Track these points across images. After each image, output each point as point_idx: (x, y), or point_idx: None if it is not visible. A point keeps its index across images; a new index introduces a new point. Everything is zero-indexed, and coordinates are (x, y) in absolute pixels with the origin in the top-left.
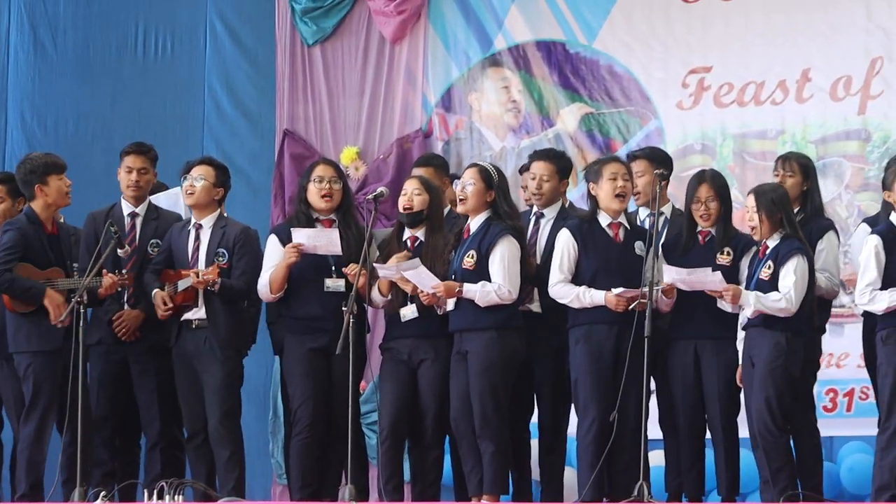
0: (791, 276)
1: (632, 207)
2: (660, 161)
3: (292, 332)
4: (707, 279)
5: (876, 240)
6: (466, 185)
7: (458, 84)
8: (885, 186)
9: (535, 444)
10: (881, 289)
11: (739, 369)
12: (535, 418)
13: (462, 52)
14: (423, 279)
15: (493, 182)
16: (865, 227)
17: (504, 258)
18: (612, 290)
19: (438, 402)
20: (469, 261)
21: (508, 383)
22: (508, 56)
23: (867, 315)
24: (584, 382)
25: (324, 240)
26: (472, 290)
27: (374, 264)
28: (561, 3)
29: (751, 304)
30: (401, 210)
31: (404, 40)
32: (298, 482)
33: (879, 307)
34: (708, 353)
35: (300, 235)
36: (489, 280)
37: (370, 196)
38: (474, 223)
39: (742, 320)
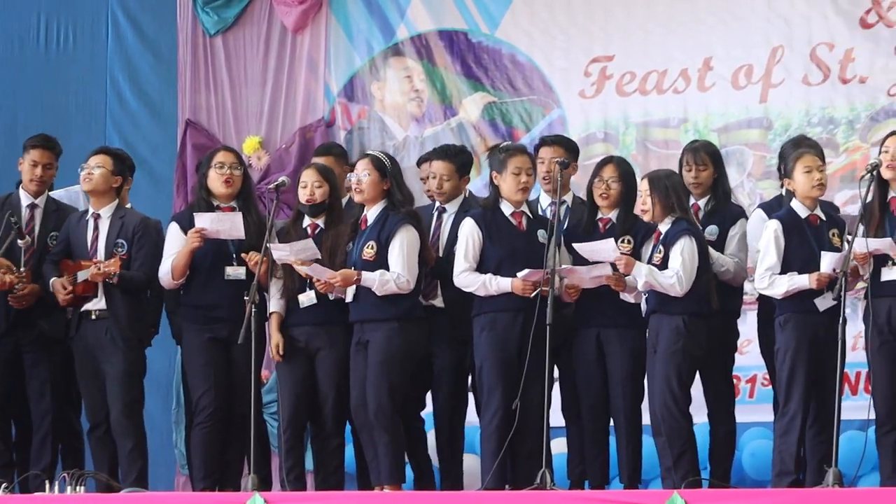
0: (678, 257)
1: (534, 195)
2: (569, 149)
3: (191, 321)
4: (602, 248)
5: (776, 224)
6: (361, 176)
7: (361, 73)
8: (785, 174)
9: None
10: (780, 273)
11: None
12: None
13: (364, 42)
14: (318, 272)
15: (386, 171)
16: (760, 213)
17: (403, 247)
18: (518, 274)
19: (337, 390)
20: (369, 251)
21: (406, 375)
22: (411, 45)
23: (761, 301)
24: (488, 370)
25: (227, 224)
26: (371, 279)
27: (268, 244)
28: None
29: (643, 274)
30: (303, 202)
31: (306, 30)
32: (200, 472)
33: (778, 291)
34: (612, 341)
35: (203, 220)
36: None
37: (272, 185)
38: (371, 213)
39: (644, 310)
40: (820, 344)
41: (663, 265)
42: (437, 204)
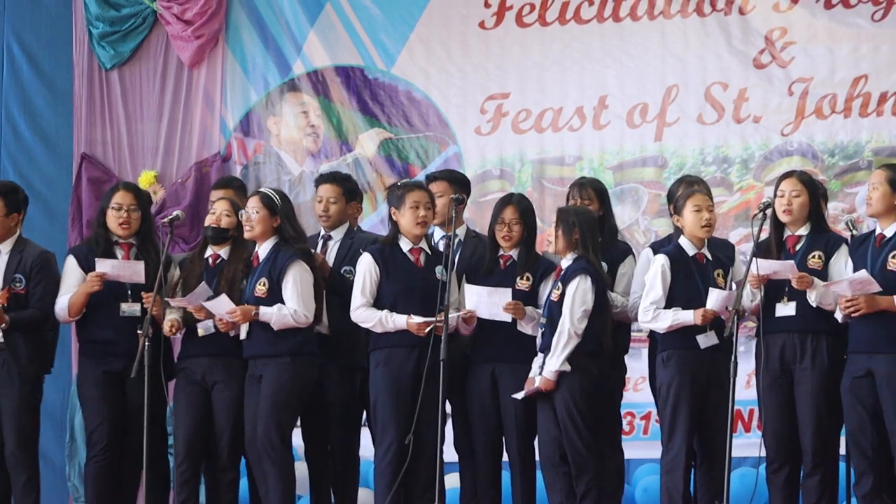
0: (569, 298)
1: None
2: (459, 183)
3: (87, 355)
4: (500, 299)
5: (663, 259)
6: (251, 213)
7: (257, 108)
8: (675, 211)
9: None
10: (664, 308)
11: (527, 381)
12: None
13: (261, 77)
14: (219, 306)
15: (276, 208)
16: (649, 252)
17: (297, 283)
18: (413, 317)
19: (233, 423)
20: (261, 288)
21: (297, 410)
22: (307, 81)
23: (652, 337)
24: (382, 405)
25: (128, 270)
26: (269, 313)
27: (168, 299)
28: (359, 28)
29: (534, 319)
30: (207, 224)
31: (202, 64)
32: None
33: (662, 325)
34: (506, 375)
35: (104, 265)
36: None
37: (165, 220)
38: (262, 250)
39: (539, 344)
40: (702, 381)
41: (559, 301)
42: (323, 232)
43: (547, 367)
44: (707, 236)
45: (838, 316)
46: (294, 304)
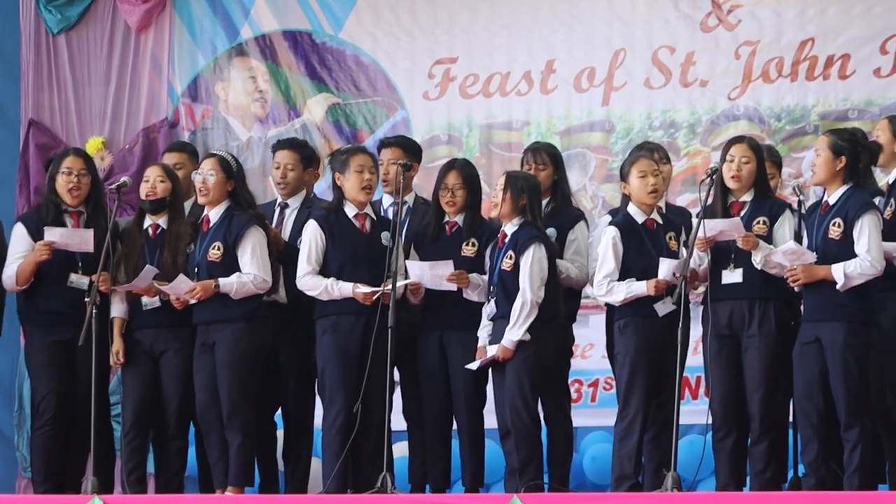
0: (526, 268)
1: (377, 195)
2: (411, 150)
3: (35, 324)
4: (443, 271)
5: (613, 231)
6: (206, 176)
7: (205, 74)
8: (622, 178)
9: (280, 434)
10: (619, 280)
11: (480, 350)
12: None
13: (208, 42)
14: (178, 287)
15: (232, 172)
16: (607, 220)
17: (255, 248)
18: (359, 286)
19: (181, 392)
20: (216, 252)
21: (256, 375)
22: (255, 46)
23: (609, 306)
24: (330, 373)
25: (77, 238)
26: (229, 284)
27: (124, 285)
28: None
29: (479, 285)
30: (143, 197)
31: (150, 29)
32: (41, 475)
33: (616, 298)
34: (454, 343)
35: (53, 234)
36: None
37: (113, 186)
38: (214, 214)
39: (489, 312)
40: (660, 348)
41: (514, 271)
42: (279, 199)
43: (507, 337)
44: (654, 201)
45: (793, 285)
46: (253, 269)
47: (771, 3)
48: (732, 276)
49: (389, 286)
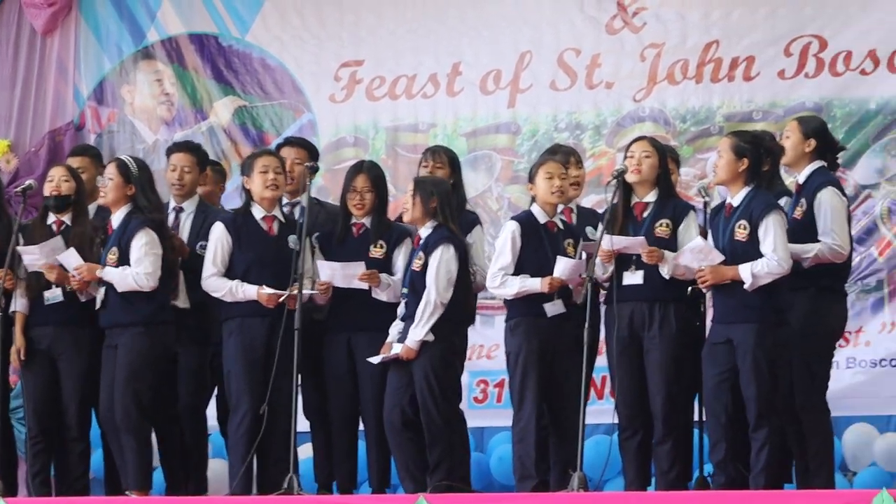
0: (434, 268)
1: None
2: (312, 151)
3: None
4: (354, 271)
5: (514, 225)
6: (106, 180)
7: (111, 77)
8: (530, 179)
9: None
10: (513, 274)
11: (386, 346)
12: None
13: (114, 45)
14: (68, 259)
15: (131, 176)
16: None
17: (141, 249)
18: (264, 288)
19: (80, 394)
20: (112, 258)
21: (154, 379)
22: (161, 49)
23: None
24: (236, 375)
25: None
26: (112, 273)
27: (18, 248)
28: None
29: (389, 286)
30: (47, 195)
31: (55, 33)
32: None
33: (509, 292)
34: (362, 345)
35: None
36: None
37: (18, 189)
38: (115, 218)
39: (401, 312)
40: (551, 348)
41: (423, 271)
42: (174, 204)
43: (410, 336)
44: (558, 202)
45: (702, 287)
46: (136, 266)
47: (676, 5)
48: (633, 277)
49: (296, 290)
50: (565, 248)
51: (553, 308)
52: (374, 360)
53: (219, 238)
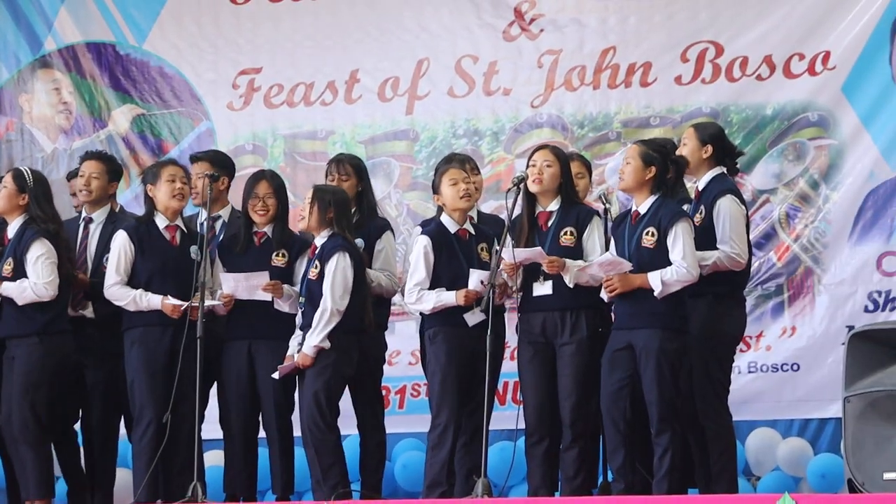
0: (329, 276)
1: (192, 211)
2: (221, 164)
3: None
4: (258, 282)
5: (425, 240)
6: (1, 189)
7: (9, 86)
8: (434, 190)
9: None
10: (429, 288)
11: (286, 359)
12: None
13: (12, 54)
14: None
15: (25, 186)
16: (418, 231)
17: (38, 259)
18: (168, 298)
19: None
20: (7, 268)
21: (50, 389)
22: (59, 57)
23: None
24: (139, 384)
25: None
26: (9, 288)
27: None
28: (110, 4)
29: (291, 296)
30: None
31: None
32: None
33: (426, 307)
34: (262, 352)
35: None
36: None
37: None
38: (11, 229)
39: (299, 321)
40: (470, 357)
41: (319, 280)
42: (84, 214)
43: (307, 343)
44: (468, 206)
45: (604, 296)
46: (34, 276)
47: (572, 12)
48: (543, 288)
49: (197, 301)
50: (479, 254)
51: (473, 317)
52: (275, 375)
53: (121, 246)
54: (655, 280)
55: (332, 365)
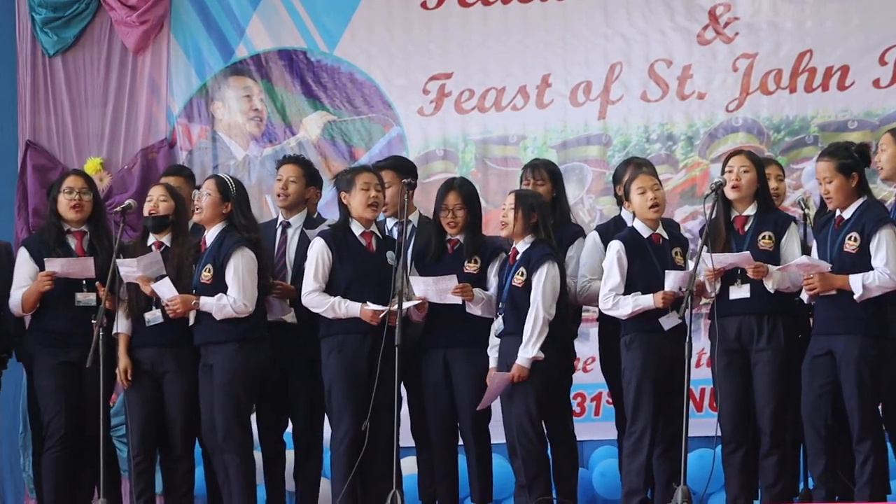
0: (539, 285)
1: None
2: (405, 170)
3: (43, 344)
4: (448, 285)
5: (618, 245)
6: (203, 196)
7: (201, 94)
8: (625, 197)
9: (290, 454)
10: (624, 294)
11: (491, 371)
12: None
13: (204, 62)
14: (163, 290)
15: (229, 194)
16: (595, 236)
17: (238, 270)
18: (368, 304)
19: (185, 413)
20: (206, 275)
21: (252, 396)
22: (250, 65)
23: (602, 319)
24: (337, 392)
25: (77, 267)
26: (209, 304)
27: (116, 260)
28: (301, 11)
29: (482, 300)
30: (146, 214)
31: (147, 50)
32: (51, 496)
33: (623, 312)
34: (458, 361)
35: (54, 265)
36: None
37: (118, 209)
38: (210, 235)
39: (496, 328)
40: (666, 363)
41: (525, 288)
42: (281, 219)
43: (521, 355)
44: (656, 216)
45: (804, 296)
46: (234, 292)
47: (768, 15)
48: (740, 291)
49: (396, 305)
50: (673, 258)
51: (669, 321)
52: (481, 406)
53: (319, 253)
54: (857, 283)
55: (540, 375)
